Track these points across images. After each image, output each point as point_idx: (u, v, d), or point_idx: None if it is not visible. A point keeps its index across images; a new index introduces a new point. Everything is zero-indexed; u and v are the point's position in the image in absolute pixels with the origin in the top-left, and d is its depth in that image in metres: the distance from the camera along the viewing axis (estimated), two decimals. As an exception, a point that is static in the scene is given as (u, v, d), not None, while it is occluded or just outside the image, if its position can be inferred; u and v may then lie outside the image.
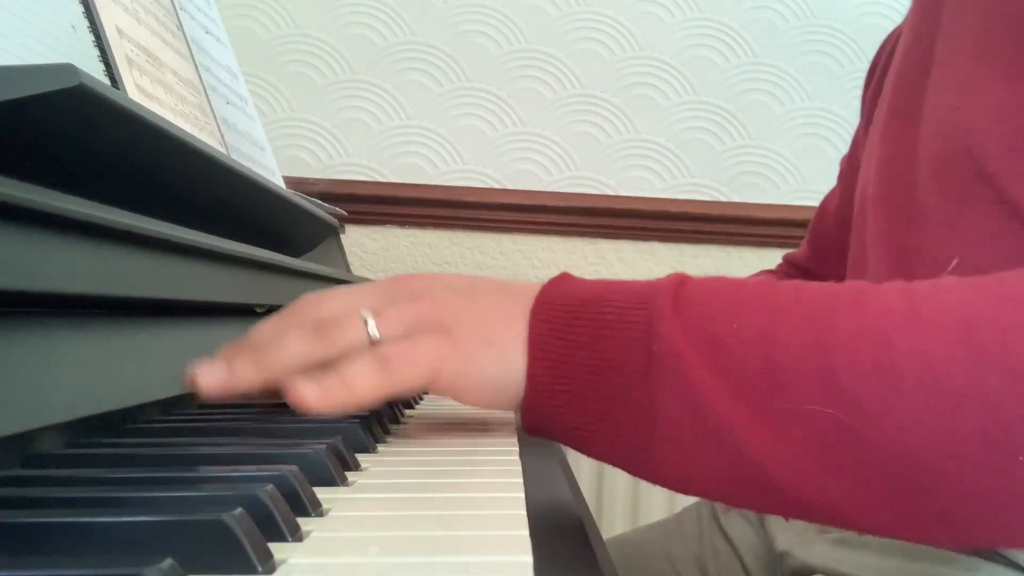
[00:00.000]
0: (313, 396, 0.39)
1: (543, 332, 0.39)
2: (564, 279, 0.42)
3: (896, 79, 0.57)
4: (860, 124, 0.75)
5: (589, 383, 0.38)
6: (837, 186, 0.81)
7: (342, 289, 0.46)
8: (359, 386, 0.39)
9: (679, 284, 0.39)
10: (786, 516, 0.38)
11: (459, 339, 0.40)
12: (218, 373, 0.41)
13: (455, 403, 0.44)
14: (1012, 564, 0.48)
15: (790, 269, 0.85)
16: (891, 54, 0.65)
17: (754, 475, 0.36)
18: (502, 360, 0.40)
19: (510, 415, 0.55)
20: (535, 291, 0.41)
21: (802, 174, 1.51)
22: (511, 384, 0.40)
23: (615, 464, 0.40)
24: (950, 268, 0.46)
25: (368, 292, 0.44)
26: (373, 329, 0.41)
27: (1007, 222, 0.45)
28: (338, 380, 0.39)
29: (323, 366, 0.40)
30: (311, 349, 0.41)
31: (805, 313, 0.36)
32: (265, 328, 0.44)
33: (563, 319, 0.39)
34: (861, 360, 0.34)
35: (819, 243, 0.81)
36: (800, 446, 0.35)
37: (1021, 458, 0.32)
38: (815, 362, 0.35)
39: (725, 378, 0.36)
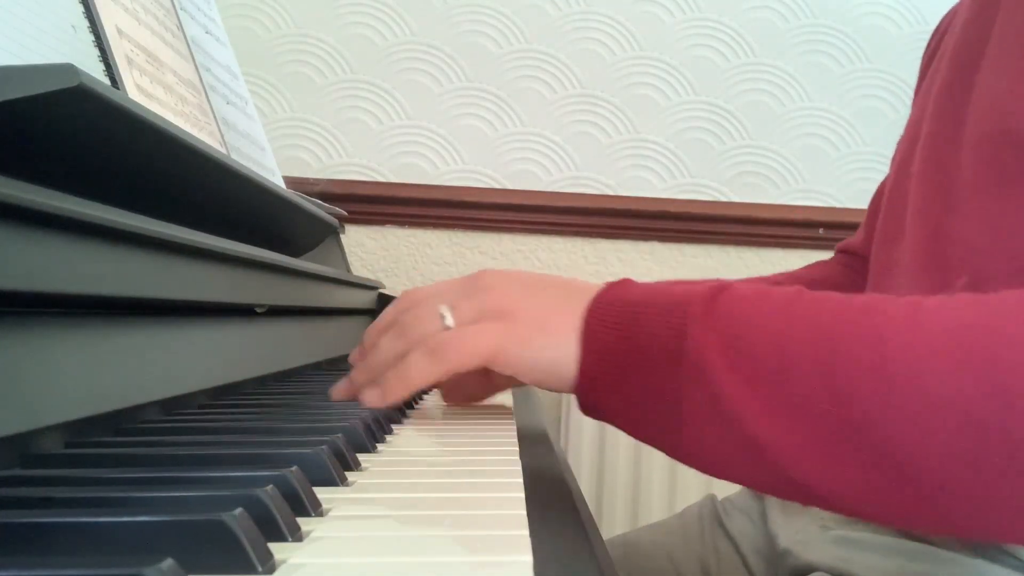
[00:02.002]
0: (375, 397, 0.49)
1: (595, 326, 0.45)
2: (623, 283, 0.47)
3: (953, 54, 0.57)
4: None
5: (630, 373, 0.43)
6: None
7: (432, 291, 0.52)
8: (411, 376, 0.47)
9: (717, 290, 0.43)
10: (801, 503, 0.42)
11: (520, 326, 0.46)
12: (344, 385, 0.53)
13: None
14: (1013, 565, 0.48)
15: (846, 258, 0.84)
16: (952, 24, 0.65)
17: (766, 463, 0.40)
18: (557, 347, 0.45)
19: (510, 415, 0.55)
20: (595, 289, 0.47)
21: (802, 174, 1.51)
22: (564, 369, 0.45)
23: (655, 446, 0.45)
24: (960, 285, 0.48)
25: (448, 288, 0.51)
26: (449, 320, 0.48)
27: None
28: (394, 375, 0.48)
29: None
30: (397, 348, 0.49)
31: (819, 319, 0.40)
32: (369, 332, 0.53)
33: (613, 316, 0.44)
34: (859, 362, 0.38)
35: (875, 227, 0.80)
36: (805, 438, 0.39)
37: (995, 459, 0.35)
38: (821, 364, 0.39)
39: (742, 374, 0.40)
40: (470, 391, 0.59)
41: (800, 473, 0.39)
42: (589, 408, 0.46)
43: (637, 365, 0.43)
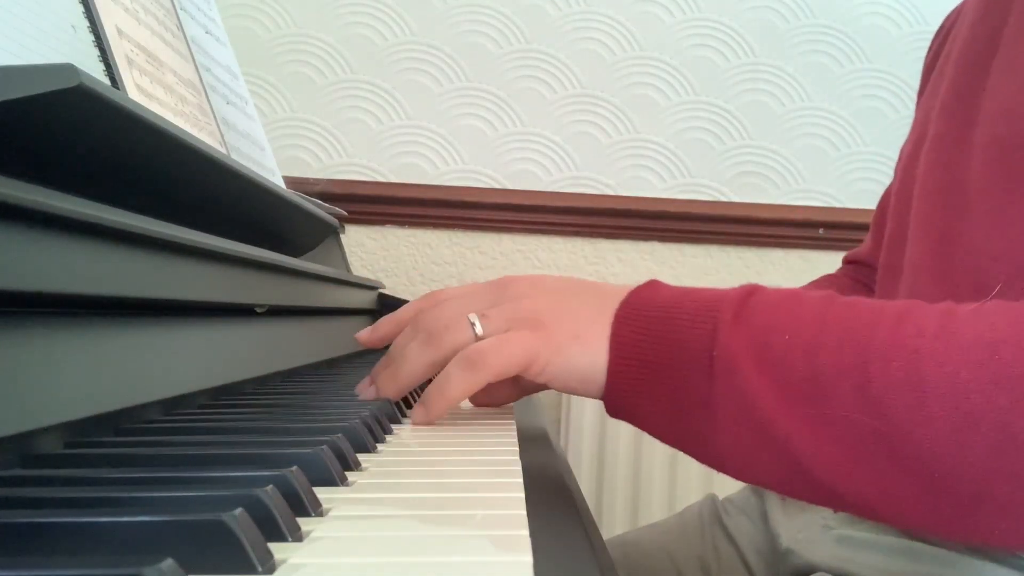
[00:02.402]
0: (421, 416, 0.49)
1: (624, 332, 0.44)
2: (651, 285, 0.47)
3: (960, 56, 0.57)
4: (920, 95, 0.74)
5: (660, 379, 0.43)
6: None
7: (455, 294, 0.52)
8: (450, 390, 0.47)
9: (747, 295, 0.43)
10: (833, 509, 0.42)
11: (552, 334, 0.46)
12: (371, 391, 0.52)
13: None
14: (1016, 565, 0.48)
15: (853, 270, 0.82)
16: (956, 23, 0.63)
17: (798, 470, 0.40)
18: (588, 354, 0.45)
19: (510, 415, 0.55)
20: (624, 293, 0.46)
21: (802, 174, 1.51)
22: (595, 375, 0.45)
23: (683, 450, 0.45)
24: (996, 291, 0.48)
25: (476, 296, 0.50)
26: (479, 329, 0.48)
27: None
28: (436, 391, 0.48)
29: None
30: (429, 357, 0.49)
31: (851, 328, 0.40)
32: (398, 341, 0.52)
33: (642, 322, 0.44)
34: (893, 374, 0.38)
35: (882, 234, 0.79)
36: (837, 447, 0.39)
37: None
38: (853, 373, 0.39)
39: (774, 382, 0.40)
40: (499, 397, 0.58)
41: (833, 480, 0.39)
42: (617, 412, 0.46)
43: (666, 372, 0.43)
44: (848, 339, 0.39)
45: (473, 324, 0.48)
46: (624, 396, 0.45)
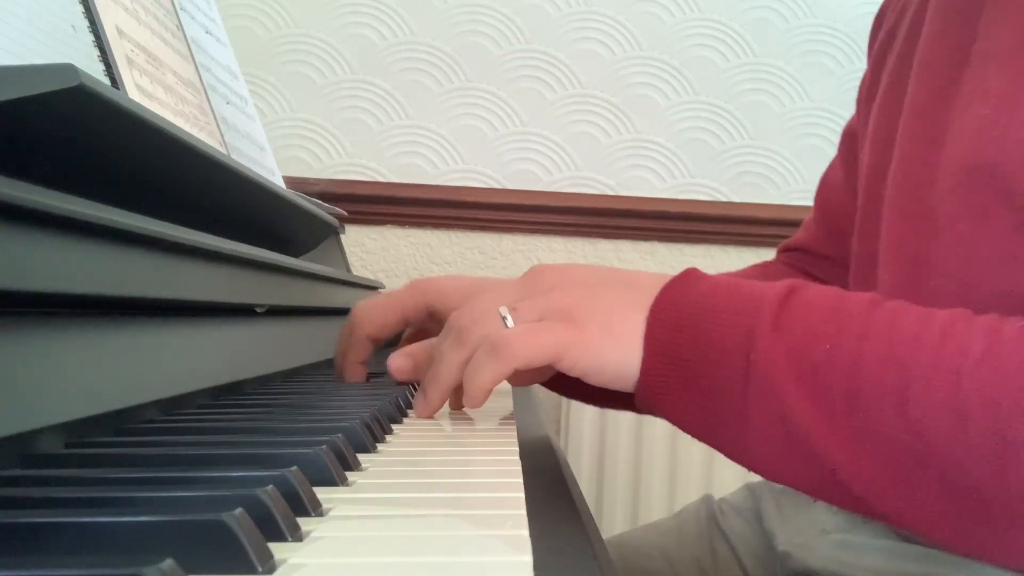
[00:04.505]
0: (455, 404, 0.52)
1: (658, 329, 0.44)
2: (687, 277, 0.45)
3: (922, 71, 0.55)
4: (865, 77, 0.71)
5: (694, 380, 0.43)
6: (838, 157, 0.77)
7: (487, 289, 0.52)
8: (482, 379, 0.46)
9: (786, 295, 0.42)
10: (866, 516, 0.42)
11: (584, 328, 0.45)
12: (420, 400, 0.51)
13: None
14: (1014, 568, 0.48)
15: (791, 257, 0.80)
16: (902, 11, 0.61)
17: (832, 480, 0.40)
18: (621, 349, 0.44)
19: (510, 416, 0.55)
20: (659, 285, 0.45)
21: (802, 174, 1.51)
22: (628, 370, 0.44)
23: (716, 449, 0.45)
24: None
25: (506, 290, 0.50)
26: (510, 323, 0.47)
27: None
28: (469, 382, 0.47)
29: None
30: (462, 356, 0.48)
31: (892, 342, 0.39)
32: (436, 343, 0.52)
33: (677, 319, 0.43)
34: (934, 396, 0.37)
35: (831, 222, 0.76)
36: (874, 462, 0.39)
37: None
38: (894, 392, 0.38)
39: (811, 394, 0.40)
40: (522, 380, 0.57)
41: (867, 493, 0.39)
42: (649, 408, 0.46)
43: (701, 373, 0.42)
44: (890, 355, 0.39)
45: (504, 318, 0.47)
46: (657, 394, 0.44)
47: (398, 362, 0.56)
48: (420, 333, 0.64)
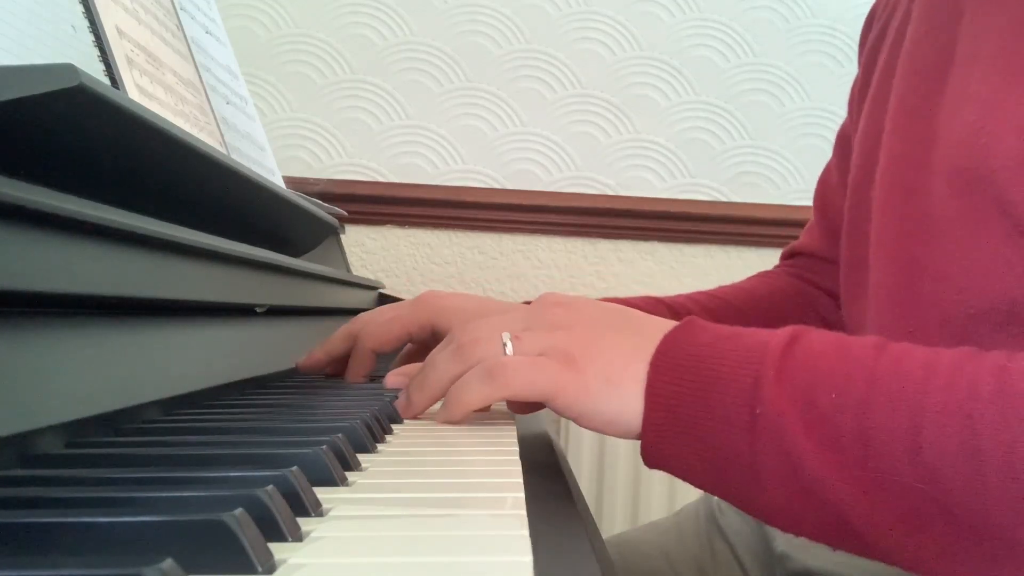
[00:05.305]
0: (440, 416, 0.50)
1: (659, 382, 0.43)
2: (688, 327, 0.44)
3: (907, 72, 0.54)
4: (857, 79, 0.71)
5: (699, 434, 0.42)
6: (833, 158, 0.76)
7: (494, 311, 0.53)
8: (465, 398, 0.47)
9: (789, 343, 0.41)
10: (887, 564, 0.42)
11: (583, 371, 0.45)
12: (403, 400, 0.52)
13: None
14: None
15: (795, 265, 0.80)
16: (891, 13, 0.61)
17: (846, 529, 0.39)
18: (620, 399, 0.44)
19: (510, 415, 0.55)
20: (662, 332, 0.44)
21: (802, 174, 1.51)
22: (626, 420, 0.44)
23: (729, 501, 0.44)
24: (934, 319, 0.46)
25: (512, 317, 0.49)
26: (510, 350, 0.47)
27: (1023, 253, 0.44)
28: (454, 394, 0.48)
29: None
30: (455, 370, 0.48)
31: (901, 387, 0.38)
32: (434, 351, 0.52)
33: (679, 371, 0.42)
34: (947, 441, 0.37)
35: (831, 224, 0.74)
36: (890, 511, 0.38)
37: None
38: (905, 438, 0.37)
39: (821, 443, 0.39)
40: (520, 408, 0.56)
41: (887, 543, 0.39)
42: (654, 463, 0.45)
43: (706, 427, 0.41)
44: (899, 399, 0.38)
45: (505, 344, 0.47)
46: (661, 448, 0.43)
47: (394, 381, 0.57)
48: (421, 348, 0.64)
